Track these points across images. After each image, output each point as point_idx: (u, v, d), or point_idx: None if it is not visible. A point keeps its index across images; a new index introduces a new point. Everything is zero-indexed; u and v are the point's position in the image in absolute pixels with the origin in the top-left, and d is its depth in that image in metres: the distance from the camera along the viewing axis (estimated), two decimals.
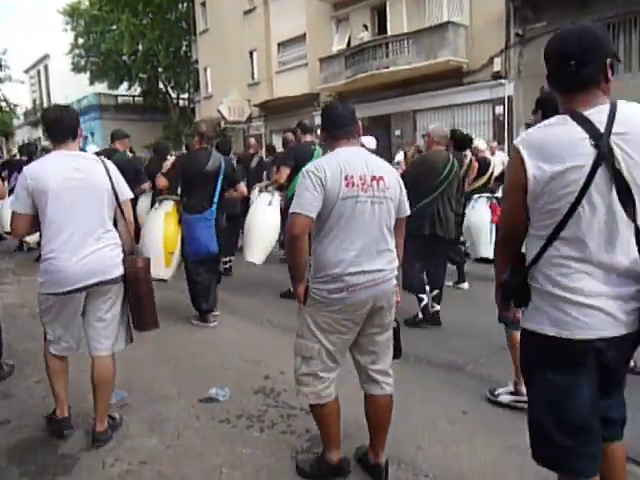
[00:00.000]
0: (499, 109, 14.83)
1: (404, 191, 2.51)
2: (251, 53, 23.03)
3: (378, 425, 2.56)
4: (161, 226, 4.98)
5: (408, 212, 2.56)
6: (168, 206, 5.10)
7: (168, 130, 29.80)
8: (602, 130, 1.61)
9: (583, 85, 1.69)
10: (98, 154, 3.97)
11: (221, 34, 24.02)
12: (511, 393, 3.32)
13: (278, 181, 5.68)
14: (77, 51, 33.69)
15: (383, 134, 16.03)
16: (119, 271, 2.86)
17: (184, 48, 30.68)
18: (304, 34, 20.24)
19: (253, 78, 23.22)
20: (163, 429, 3.08)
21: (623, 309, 1.65)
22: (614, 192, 1.61)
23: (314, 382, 2.44)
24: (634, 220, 1.62)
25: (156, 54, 29.27)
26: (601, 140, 1.59)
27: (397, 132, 17.25)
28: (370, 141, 6.55)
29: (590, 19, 12.78)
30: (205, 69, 26.22)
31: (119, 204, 2.91)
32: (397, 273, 2.50)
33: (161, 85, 32.43)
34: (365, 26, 17.95)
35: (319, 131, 2.78)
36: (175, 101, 32.23)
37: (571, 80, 1.71)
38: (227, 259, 7.08)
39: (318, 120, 12.77)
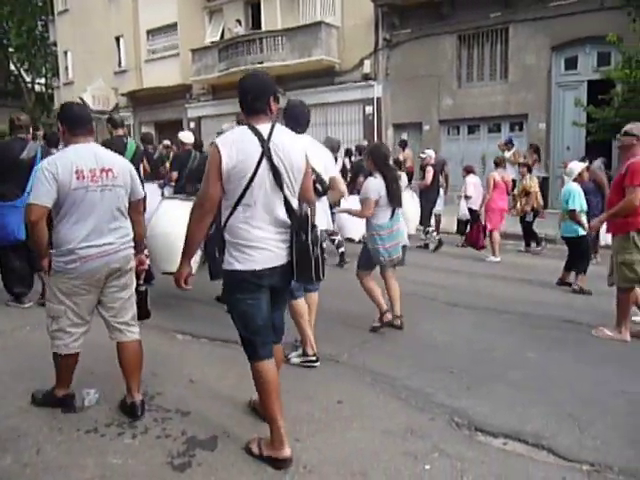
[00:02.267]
0: (369, 109, 15.54)
1: (136, 179, 3.12)
2: (118, 39, 21.68)
3: (129, 368, 3.12)
4: None
5: (141, 195, 3.18)
6: None
7: None
8: (265, 137, 2.50)
9: (256, 111, 2.57)
10: None
11: (83, 16, 22.30)
12: (300, 355, 3.84)
13: None
14: None
15: None
16: None
17: (40, 28, 27.99)
18: (175, 23, 19.49)
19: (120, 65, 21.90)
20: (19, 446, 2.78)
21: (281, 248, 2.57)
22: (271, 175, 2.49)
23: (63, 336, 2.99)
24: (283, 192, 2.53)
25: (6, 32, 26.37)
26: (264, 143, 2.48)
27: None
28: (188, 136, 6.90)
29: (448, 30, 13.89)
30: (65, 53, 24.21)
31: None
32: (133, 243, 3.11)
33: (12, 67, 29.30)
34: (239, 21, 17.76)
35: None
36: (30, 85, 29.31)
37: (249, 107, 2.59)
38: None
39: (191, 113, 12.75)
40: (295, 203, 2.61)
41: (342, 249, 7.38)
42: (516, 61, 13.17)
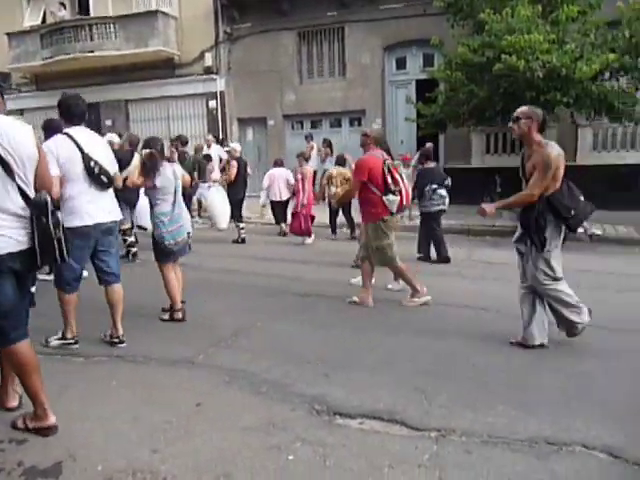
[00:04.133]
0: (212, 103, 15.24)
1: None
2: None
3: None
4: None
5: None
6: None
7: None
8: None
9: None
10: None
11: None
12: (59, 339, 4.05)
13: None
14: None
15: (93, 124, 14.81)
16: None
17: None
18: None
19: None
20: None
21: (20, 234, 2.67)
22: (1, 168, 2.58)
23: None
24: (15, 182, 2.64)
25: None
26: None
27: (108, 122, 16.19)
28: None
29: (288, 26, 14.13)
30: None
31: None
32: None
33: None
34: (63, 4, 16.21)
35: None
36: None
37: None
38: None
39: (10, 105, 11.35)
40: (31, 190, 2.71)
41: (134, 249, 7.42)
42: (353, 59, 13.86)
